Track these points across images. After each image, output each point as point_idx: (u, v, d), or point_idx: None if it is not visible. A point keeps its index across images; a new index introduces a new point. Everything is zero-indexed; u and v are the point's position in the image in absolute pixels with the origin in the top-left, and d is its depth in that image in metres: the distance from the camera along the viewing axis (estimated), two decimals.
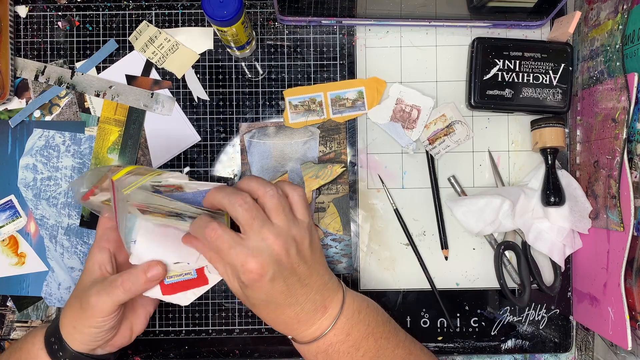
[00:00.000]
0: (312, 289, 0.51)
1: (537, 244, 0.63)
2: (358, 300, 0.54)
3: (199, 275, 0.56)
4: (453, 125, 0.64)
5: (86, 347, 0.53)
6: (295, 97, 0.65)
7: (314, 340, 0.52)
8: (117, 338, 0.56)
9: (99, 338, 0.53)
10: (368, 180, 0.65)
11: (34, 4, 0.65)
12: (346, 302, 0.52)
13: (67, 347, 0.53)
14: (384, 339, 0.53)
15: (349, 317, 0.52)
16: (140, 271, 0.52)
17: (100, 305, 0.51)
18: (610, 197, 0.57)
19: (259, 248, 0.47)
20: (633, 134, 0.56)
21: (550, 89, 0.62)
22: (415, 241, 0.65)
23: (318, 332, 0.52)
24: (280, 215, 0.49)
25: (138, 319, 0.58)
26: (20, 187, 0.65)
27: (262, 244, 0.47)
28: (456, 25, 0.64)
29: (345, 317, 0.52)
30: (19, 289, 0.65)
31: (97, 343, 0.54)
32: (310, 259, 0.51)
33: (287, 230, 0.49)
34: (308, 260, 0.50)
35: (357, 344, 0.52)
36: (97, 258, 0.54)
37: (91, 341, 0.53)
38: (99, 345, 0.54)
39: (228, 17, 0.54)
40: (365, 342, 0.52)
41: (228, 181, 0.65)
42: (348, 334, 0.52)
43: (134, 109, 0.65)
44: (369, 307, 0.54)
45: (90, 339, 0.53)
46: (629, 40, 0.56)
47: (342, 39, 0.65)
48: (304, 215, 0.51)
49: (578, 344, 0.66)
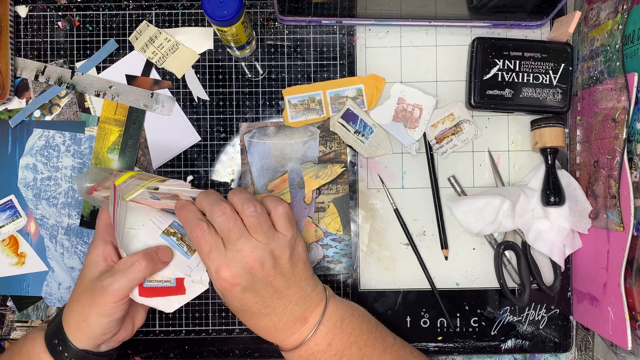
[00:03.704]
0: (291, 301, 0.52)
1: (537, 244, 0.63)
2: (342, 309, 0.54)
3: (177, 285, 0.57)
4: (461, 124, 0.64)
5: (93, 342, 0.53)
6: (295, 96, 0.65)
7: (295, 348, 0.52)
8: (121, 332, 0.56)
9: (109, 329, 0.53)
10: (368, 180, 0.65)
11: (34, 4, 0.65)
12: (327, 313, 0.53)
13: (72, 346, 0.53)
14: (369, 346, 0.54)
15: (330, 327, 0.53)
16: (153, 252, 0.54)
17: (116, 286, 0.51)
18: (610, 197, 0.57)
19: (233, 259, 0.49)
20: (633, 134, 0.56)
21: (550, 89, 0.62)
22: (415, 241, 0.65)
23: (299, 341, 0.52)
24: (258, 232, 0.50)
25: (138, 313, 0.59)
26: (20, 187, 0.65)
27: (237, 256, 0.49)
28: (456, 25, 0.64)
29: (326, 327, 0.53)
30: (19, 289, 0.65)
31: (106, 336, 0.54)
32: (290, 272, 0.52)
33: (265, 244, 0.50)
34: (286, 274, 0.51)
35: (339, 353, 0.53)
36: (101, 251, 0.55)
37: (101, 334, 0.53)
38: (105, 340, 0.55)
39: (228, 17, 0.54)
40: (349, 351, 0.53)
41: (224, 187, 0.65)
42: (329, 343, 0.52)
43: (134, 109, 0.65)
44: (353, 315, 0.55)
45: (100, 331, 0.53)
46: (629, 40, 0.56)
47: (342, 39, 0.65)
48: (286, 230, 0.52)
49: (578, 344, 0.66)
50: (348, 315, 0.54)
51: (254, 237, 0.50)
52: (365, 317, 0.56)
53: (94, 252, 0.55)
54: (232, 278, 0.49)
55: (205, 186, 0.65)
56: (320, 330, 0.52)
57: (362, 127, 0.63)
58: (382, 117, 0.65)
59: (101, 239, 0.56)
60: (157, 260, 0.54)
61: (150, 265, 0.53)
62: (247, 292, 0.50)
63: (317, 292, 0.54)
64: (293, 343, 0.53)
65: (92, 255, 0.55)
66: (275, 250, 0.51)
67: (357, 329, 0.54)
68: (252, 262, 0.49)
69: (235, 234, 0.50)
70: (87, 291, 0.53)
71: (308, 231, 0.65)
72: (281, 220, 0.52)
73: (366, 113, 0.64)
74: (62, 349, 0.53)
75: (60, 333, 0.53)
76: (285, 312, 0.52)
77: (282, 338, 0.53)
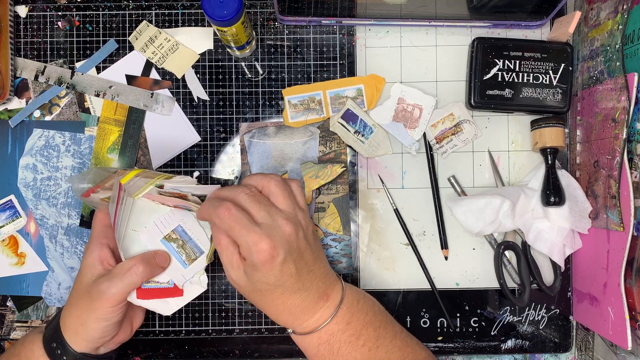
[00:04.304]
0: (317, 276, 0.52)
1: (537, 244, 0.63)
2: (355, 290, 0.56)
3: (175, 286, 0.57)
4: (461, 124, 0.64)
5: (92, 345, 0.53)
6: (295, 96, 0.65)
7: (315, 329, 0.52)
8: (120, 334, 0.56)
9: (107, 333, 0.53)
10: (368, 180, 0.65)
11: (34, 4, 0.65)
12: (346, 291, 0.54)
13: (71, 349, 0.53)
14: (382, 328, 0.54)
15: (349, 305, 0.53)
16: (151, 256, 0.54)
17: (113, 290, 0.51)
18: (610, 197, 0.57)
19: (271, 228, 0.48)
20: (633, 134, 0.56)
21: (550, 89, 0.62)
22: (415, 241, 0.65)
23: (321, 321, 0.52)
24: (287, 200, 0.50)
25: (136, 314, 0.59)
26: (20, 187, 0.65)
27: (274, 225, 0.49)
28: (456, 25, 0.64)
29: (346, 306, 0.53)
30: (19, 289, 0.65)
31: (104, 339, 0.54)
32: (315, 245, 0.52)
33: (294, 215, 0.50)
34: (313, 247, 0.52)
35: (357, 333, 0.53)
36: (97, 254, 0.54)
37: (98, 337, 0.53)
38: (104, 343, 0.54)
39: (228, 17, 0.54)
40: (365, 331, 0.53)
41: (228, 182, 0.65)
42: (348, 322, 0.53)
43: (134, 109, 0.65)
44: (366, 297, 0.56)
45: (98, 335, 0.53)
46: (629, 40, 0.56)
47: (342, 39, 0.65)
48: (303, 205, 0.53)
49: (578, 344, 0.66)
50: (362, 296, 0.55)
51: (282, 207, 0.50)
52: (375, 301, 0.57)
53: (91, 256, 0.55)
54: (272, 249, 0.47)
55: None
56: (341, 308, 0.53)
57: (362, 127, 0.63)
58: (382, 117, 0.65)
59: (97, 242, 0.55)
60: (154, 265, 0.54)
61: (148, 270, 0.53)
62: (286, 263, 0.49)
63: (332, 271, 0.55)
64: (314, 324, 0.52)
65: (89, 258, 0.55)
66: (302, 221, 0.51)
67: (371, 309, 0.55)
68: (289, 230, 0.49)
69: (265, 206, 0.49)
70: (85, 295, 0.53)
71: None
72: (300, 195, 0.53)
73: (366, 113, 0.64)
74: (60, 353, 0.53)
75: (58, 337, 0.53)
76: (312, 288, 0.51)
77: (305, 319, 0.52)
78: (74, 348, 0.53)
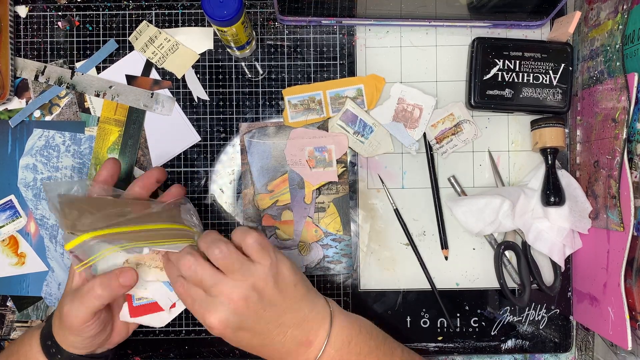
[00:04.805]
0: (290, 327, 0.50)
1: (537, 244, 0.63)
2: (348, 328, 0.52)
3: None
4: (461, 124, 0.64)
5: (80, 350, 0.53)
6: (295, 96, 0.65)
7: None
8: (114, 336, 0.56)
9: (88, 344, 0.52)
10: (368, 180, 0.65)
11: (34, 4, 0.65)
12: (333, 333, 0.51)
13: (64, 350, 0.53)
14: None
15: (337, 348, 0.51)
16: (113, 276, 0.51)
17: (74, 313, 0.50)
18: (610, 197, 0.57)
19: (215, 304, 0.48)
20: (633, 134, 0.56)
21: (550, 89, 0.62)
22: (415, 241, 0.65)
23: None
24: (232, 271, 0.48)
25: None
26: (20, 187, 0.65)
27: (217, 300, 0.48)
28: (456, 25, 0.64)
29: (334, 349, 0.51)
30: (19, 289, 0.65)
31: (90, 348, 0.53)
32: (279, 299, 0.49)
33: (243, 281, 0.48)
34: (276, 302, 0.49)
35: None
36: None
37: (82, 347, 0.53)
38: (94, 349, 0.54)
39: (228, 17, 0.54)
40: None
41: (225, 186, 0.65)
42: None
43: (134, 109, 0.65)
44: (361, 332, 0.53)
45: (80, 345, 0.52)
46: (629, 40, 0.56)
47: (342, 39, 0.65)
48: (262, 259, 0.49)
49: (578, 344, 0.66)
50: (355, 334, 0.52)
51: (230, 277, 0.48)
52: (372, 332, 0.54)
53: (72, 266, 0.54)
54: (219, 323, 0.48)
55: (205, 187, 0.65)
56: (327, 353, 0.50)
57: (362, 127, 0.63)
58: (382, 117, 0.65)
59: None
60: (116, 287, 0.50)
61: (107, 293, 0.50)
62: (239, 332, 0.49)
63: (318, 311, 0.52)
64: None
65: (71, 268, 0.54)
66: (256, 283, 0.48)
67: (366, 347, 0.52)
68: (236, 301, 0.48)
69: (208, 281, 0.48)
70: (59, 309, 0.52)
71: (308, 231, 0.65)
72: (254, 251, 0.49)
73: (366, 112, 0.64)
74: (55, 351, 0.53)
75: (51, 336, 0.53)
76: (285, 340, 0.50)
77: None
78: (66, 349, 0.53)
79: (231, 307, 0.48)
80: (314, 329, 0.51)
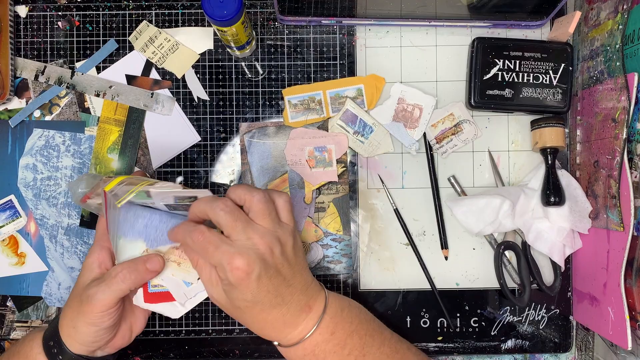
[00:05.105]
0: (297, 289, 0.52)
1: (537, 244, 0.63)
2: (339, 299, 0.55)
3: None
4: (461, 124, 0.64)
5: (86, 348, 0.53)
6: (295, 96, 0.65)
7: (300, 341, 0.52)
8: (117, 339, 0.56)
9: (99, 337, 0.53)
10: (368, 180, 0.65)
11: (34, 4, 0.65)
12: (329, 301, 0.54)
13: (67, 350, 0.53)
14: (369, 336, 0.54)
15: (332, 315, 0.53)
16: (140, 261, 0.52)
17: (100, 296, 0.51)
18: (610, 197, 0.57)
19: (244, 246, 0.48)
20: (633, 134, 0.56)
21: (550, 89, 0.62)
22: (415, 241, 0.65)
23: (304, 333, 0.52)
24: (267, 218, 0.50)
25: (137, 320, 0.57)
26: (20, 187, 0.65)
27: (248, 243, 0.49)
28: (456, 25, 0.64)
29: (329, 316, 0.53)
30: (19, 289, 0.65)
31: (97, 344, 0.53)
32: (294, 260, 0.52)
33: (272, 231, 0.50)
34: (292, 262, 0.51)
35: (342, 342, 0.53)
36: (96, 256, 0.54)
37: (91, 342, 0.53)
38: (99, 347, 0.54)
39: (228, 17, 0.54)
40: (351, 340, 0.53)
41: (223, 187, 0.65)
42: (333, 332, 0.53)
43: (134, 109, 0.65)
44: (351, 305, 0.56)
45: (90, 339, 0.52)
46: (629, 40, 0.56)
47: (342, 38, 0.65)
48: (288, 220, 0.52)
49: (578, 344, 0.66)
50: (346, 305, 0.55)
51: (261, 224, 0.50)
52: (361, 308, 0.57)
53: (90, 258, 0.55)
54: (246, 266, 0.48)
55: (205, 187, 0.65)
56: (324, 319, 0.53)
57: (362, 127, 0.63)
58: (382, 117, 0.65)
59: (98, 245, 0.55)
60: (143, 271, 0.52)
61: (134, 276, 0.51)
62: (261, 280, 0.49)
63: (316, 282, 0.55)
64: (298, 336, 0.52)
65: (88, 260, 0.55)
66: (281, 238, 0.51)
67: (357, 318, 0.55)
68: (264, 248, 0.49)
69: (242, 223, 0.49)
70: (77, 297, 0.53)
71: (308, 231, 0.65)
72: (284, 210, 0.52)
73: (366, 112, 0.64)
74: (57, 352, 0.53)
75: (56, 336, 0.53)
76: (292, 301, 0.51)
77: (288, 332, 0.52)
78: (70, 349, 0.53)
79: (260, 251, 0.49)
80: (314, 296, 0.53)
